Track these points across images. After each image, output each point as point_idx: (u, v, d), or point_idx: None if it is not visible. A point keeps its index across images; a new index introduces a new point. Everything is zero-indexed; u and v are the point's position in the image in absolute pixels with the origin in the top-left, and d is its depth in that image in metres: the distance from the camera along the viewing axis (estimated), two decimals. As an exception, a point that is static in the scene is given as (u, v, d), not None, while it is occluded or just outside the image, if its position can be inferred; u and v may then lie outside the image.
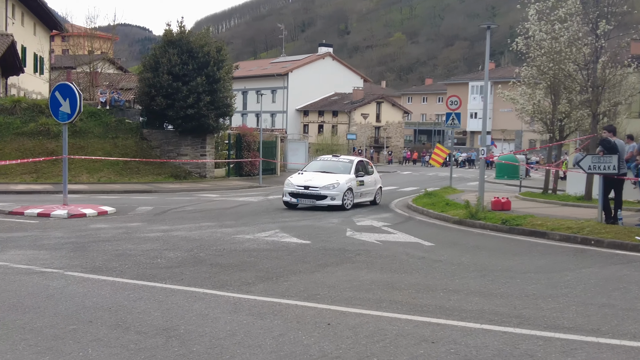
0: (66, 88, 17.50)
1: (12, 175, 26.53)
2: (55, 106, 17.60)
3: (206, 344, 6.40)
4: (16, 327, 6.91)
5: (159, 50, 30.92)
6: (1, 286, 8.67)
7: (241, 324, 7.09)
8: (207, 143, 31.96)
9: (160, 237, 13.21)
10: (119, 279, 9.19)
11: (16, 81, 39.66)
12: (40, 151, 27.63)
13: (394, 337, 6.70)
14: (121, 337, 6.60)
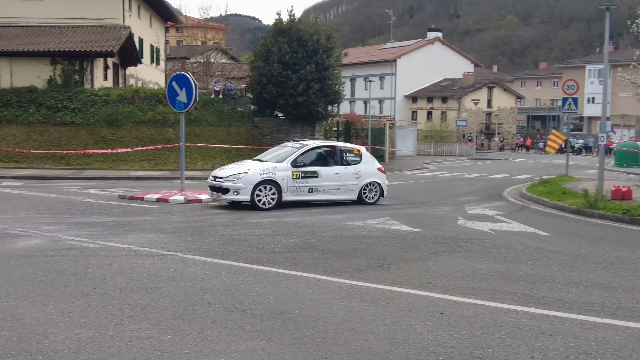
0: (183, 78, 18.10)
1: (132, 161, 27.84)
2: (172, 96, 18.26)
3: (320, 328, 6.47)
4: (140, 306, 7.25)
5: (270, 40, 31.45)
6: (125, 268, 9.12)
7: (354, 310, 7.12)
8: (316, 130, 32.28)
9: (273, 223, 13.49)
10: (235, 262, 9.45)
11: (134, 72, 41.46)
12: (158, 139, 28.81)
13: (510, 329, 6.54)
14: (238, 319, 6.78)
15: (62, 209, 15.34)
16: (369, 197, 17.50)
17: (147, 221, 13.51)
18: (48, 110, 29.72)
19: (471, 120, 71.56)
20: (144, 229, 12.44)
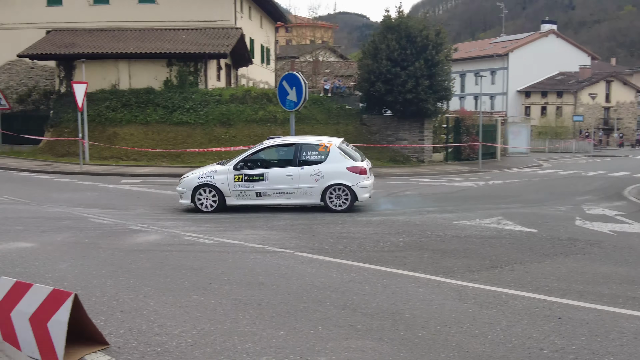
0: (293, 78, 18.34)
1: (244, 159, 28.54)
2: (282, 95, 18.54)
3: (431, 330, 6.37)
4: (253, 302, 7.39)
5: (378, 37, 31.36)
6: (238, 264, 9.33)
7: (466, 312, 6.96)
8: (425, 127, 31.90)
9: (382, 221, 13.43)
10: (345, 260, 9.47)
11: (245, 72, 42.44)
12: (269, 137, 29.37)
13: (632, 336, 6.20)
14: (349, 317, 6.78)
15: (178, 205, 15.88)
16: (335, 203, 14.91)
17: (258, 218, 13.78)
18: (165, 111, 30.92)
19: (588, 116, 68.62)
20: (255, 226, 12.70)
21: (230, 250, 10.31)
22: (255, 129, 30.07)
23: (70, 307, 5.64)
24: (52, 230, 12.45)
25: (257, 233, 11.87)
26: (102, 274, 8.86)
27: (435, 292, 7.77)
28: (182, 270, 8.95)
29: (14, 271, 8.99)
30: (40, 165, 27.93)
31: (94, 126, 30.45)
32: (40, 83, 38.01)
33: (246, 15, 40.07)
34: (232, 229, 12.28)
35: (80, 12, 36.64)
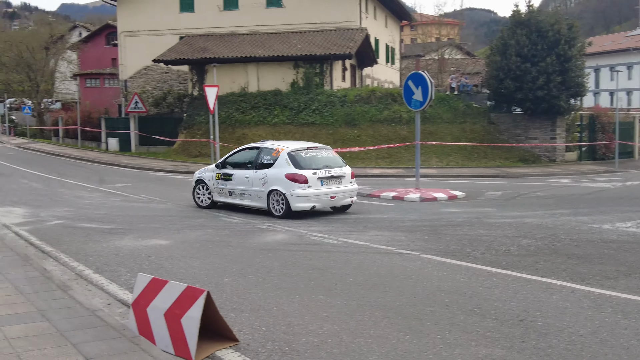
0: (418, 77, 18.14)
1: (369, 159, 28.55)
2: (408, 94, 18.38)
3: (565, 339, 6.08)
4: (378, 304, 7.35)
5: (507, 32, 30.44)
6: (364, 265, 9.33)
7: (603, 322, 6.59)
8: (557, 125, 30.62)
9: (511, 224, 13.00)
10: (473, 264, 9.23)
11: (370, 72, 42.48)
12: (393, 137, 29.24)
13: None
14: (477, 323, 6.60)
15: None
16: (276, 209, 14.44)
17: (383, 219, 13.73)
18: (291, 112, 31.53)
19: None
20: (381, 227, 12.66)
21: (356, 251, 10.32)
22: (380, 129, 30.04)
23: (203, 304, 5.83)
24: (186, 228, 12.98)
25: (382, 234, 11.83)
26: (232, 271, 9.12)
27: (569, 300, 7.41)
28: (308, 270, 9.06)
29: (150, 267, 9.44)
30: (174, 165, 29.25)
31: (224, 128, 31.52)
32: (174, 87, 39.82)
33: (371, 15, 40.12)
34: (357, 230, 12.30)
35: (211, 17, 38.07)
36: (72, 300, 7.60)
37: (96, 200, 17.97)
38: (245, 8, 37.63)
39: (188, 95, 36.20)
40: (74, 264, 9.89)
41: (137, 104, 36.33)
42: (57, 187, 21.68)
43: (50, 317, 6.86)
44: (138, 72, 40.71)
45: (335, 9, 35.94)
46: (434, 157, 28.73)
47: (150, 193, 19.25)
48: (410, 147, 25.91)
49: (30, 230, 13.10)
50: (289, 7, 36.74)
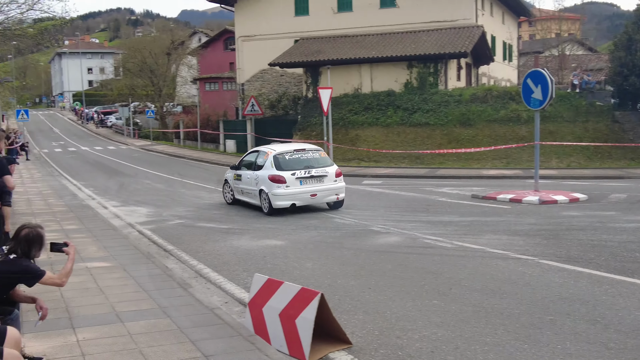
0: (538, 75, 17.53)
1: (484, 160, 27.89)
2: (527, 93, 17.80)
3: (700, 354, 5.68)
4: (495, 311, 7.15)
5: (632, 27, 28.86)
6: (479, 270, 9.11)
7: None
8: (689, 124, 28.76)
9: (638, 229, 12.29)
10: (595, 271, 8.80)
11: (486, 70, 41.47)
12: (510, 137, 28.43)
13: None
14: (600, 334, 6.30)
15: (418, 207, 15.97)
16: (264, 206, 15.68)
17: (500, 222, 13.36)
18: (405, 112, 31.31)
19: None
20: (497, 230, 12.32)
21: (471, 255, 10.10)
22: (497, 129, 29.27)
23: (317, 305, 5.88)
24: (300, 229, 13.16)
25: (499, 238, 11.50)
26: (346, 273, 9.15)
27: None
28: (422, 274, 8.95)
29: (266, 267, 9.63)
30: (289, 166, 29.74)
31: (337, 129, 31.74)
32: (289, 89, 40.50)
33: (487, 12, 39.20)
34: (472, 233, 12.03)
35: (325, 20, 38.44)
36: (192, 298, 7.87)
37: (215, 201, 18.55)
38: (359, 9, 37.74)
39: (302, 98, 36.73)
40: (193, 262, 10.25)
41: (254, 107, 37.23)
42: (178, 188, 22.56)
43: (171, 314, 7.14)
44: (254, 76, 41.73)
45: (450, 7, 35.36)
46: (554, 158, 27.68)
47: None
48: (528, 147, 25.06)
49: (153, 229, 13.70)
50: (403, 6, 36.51)
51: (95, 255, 10.56)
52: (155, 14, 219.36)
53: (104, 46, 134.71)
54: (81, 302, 7.67)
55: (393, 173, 25.67)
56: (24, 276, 5.43)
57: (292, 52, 36.58)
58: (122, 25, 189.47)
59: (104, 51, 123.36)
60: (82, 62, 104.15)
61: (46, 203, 18.31)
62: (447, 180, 22.97)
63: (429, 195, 18.29)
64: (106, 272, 9.30)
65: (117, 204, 18.29)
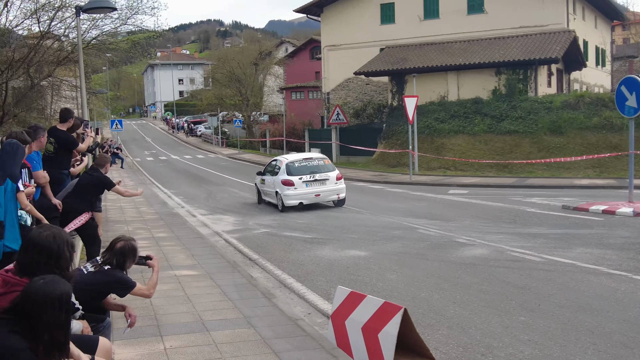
0: (632, 82, 16.84)
1: (575, 169, 26.98)
2: (620, 100, 17.12)
3: None
4: (584, 329, 6.89)
5: None
6: (569, 285, 8.80)
7: None
8: None
9: None
10: (695, 289, 8.36)
11: (578, 76, 40.17)
12: (603, 146, 27.41)
13: None
14: (701, 357, 5.96)
15: (505, 218, 15.61)
16: (278, 205, 19.16)
17: (591, 235, 12.88)
18: (492, 120, 30.71)
19: None
20: (588, 244, 11.87)
21: (560, 269, 9.77)
22: (589, 137, 28.29)
23: (400, 320, 5.82)
24: (383, 239, 13.09)
25: (590, 252, 11.08)
26: (429, 286, 9.04)
27: None
28: (508, 288, 8.73)
29: (348, 278, 9.63)
30: (373, 175, 29.70)
31: (422, 137, 31.47)
32: (374, 98, 40.48)
33: (579, 16, 38.00)
34: (562, 246, 11.65)
35: (411, 27, 38.25)
36: (275, 308, 7.95)
37: (299, 210, 18.71)
38: (446, 16, 37.36)
39: (387, 106, 36.63)
40: (277, 272, 10.37)
41: (339, 116, 37.41)
42: (264, 196, 22.90)
43: (255, 324, 7.23)
44: (340, 85, 41.95)
45: (540, 11, 34.49)
46: (649, 167, 26.50)
47: (349, 202, 19.67)
48: (622, 156, 24.09)
49: (238, 237, 13.96)
50: (491, 12, 35.90)
51: (183, 264, 10.83)
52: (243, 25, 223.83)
53: (194, 57, 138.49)
54: (169, 310, 7.88)
55: (479, 182, 25.18)
56: (117, 287, 5.64)
57: (377, 61, 36.57)
58: (211, 36, 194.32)
59: (194, 62, 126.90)
60: (173, 73, 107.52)
61: (138, 211, 18.95)
62: (536, 190, 22.35)
63: (517, 205, 17.85)
64: (193, 280, 9.53)
65: (204, 212, 18.74)
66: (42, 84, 21.79)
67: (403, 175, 28.31)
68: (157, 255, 11.24)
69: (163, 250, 12.12)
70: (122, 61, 35.18)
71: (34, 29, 18.83)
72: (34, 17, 17.72)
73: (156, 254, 11.48)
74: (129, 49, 24.28)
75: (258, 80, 63.17)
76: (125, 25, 20.52)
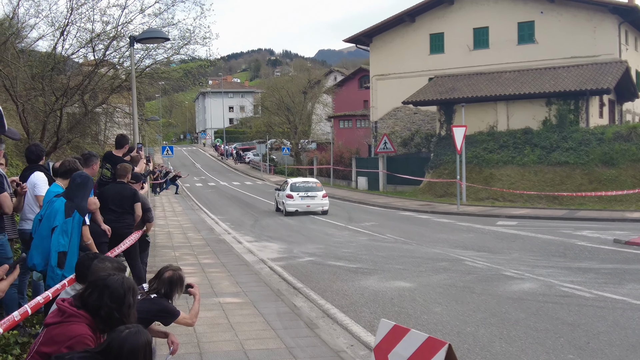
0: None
1: (628, 202, 26.31)
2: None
3: None
4: (638, 370, 6.66)
5: None
6: (620, 323, 8.54)
7: None
8: None
9: None
10: None
11: (630, 107, 39.35)
12: (658, 178, 26.78)
13: None
14: None
15: (554, 251, 15.28)
16: (282, 211, 27.58)
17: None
18: (542, 151, 30.26)
19: None
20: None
21: (611, 306, 9.49)
22: (643, 169, 27.63)
23: (444, 356, 5.70)
24: (429, 271, 12.94)
25: (643, 288, 10.75)
26: (475, 320, 8.87)
27: None
28: (557, 325, 8.51)
29: (393, 310, 9.52)
30: (420, 205, 29.48)
31: (471, 167, 31.19)
32: (422, 127, 40.34)
33: (631, 46, 37.35)
34: (613, 282, 11.32)
35: (461, 57, 38.15)
36: (318, 339, 7.89)
37: (345, 239, 18.67)
38: (496, 46, 37.18)
39: (435, 135, 36.45)
40: (321, 301, 10.32)
41: (386, 145, 37.37)
42: (309, 224, 22.92)
43: (297, 355, 7.18)
44: (387, 114, 41.96)
45: (592, 42, 34.05)
46: None
47: (395, 232, 19.55)
48: (678, 189, 23.45)
49: (283, 265, 13.96)
50: (542, 42, 35.59)
51: (228, 291, 10.87)
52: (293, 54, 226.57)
53: (244, 86, 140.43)
54: (211, 337, 7.90)
55: (529, 214, 24.76)
56: (163, 315, 5.68)
57: (426, 90, 36.52)
58: (262, 65, 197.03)
59: (244, 90, 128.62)
60: (223, 101, 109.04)
61: (185, 236, 19.15)
62: (587, 222, 21.85)
63: (567, 238, 17.47)
64: (237, 308, 9.54)
65: (250, 239, 18.83)
66: (95, 110, 22.33)
67: (450, 205, 28.03)
68: (202, 282, 11.37)
69: (208, 277, 12.20)
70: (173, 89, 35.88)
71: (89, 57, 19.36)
72: (89, 45, 18.20)
73: (201, 280, 11.62)
74: (181, 77, 24.79)
75: (307, 109, 63.63)
76: (178, 55, 20.94)
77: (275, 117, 63.55)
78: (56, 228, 6.52)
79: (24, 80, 17.25)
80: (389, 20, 41.27)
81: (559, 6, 35.04)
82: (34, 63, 18.66)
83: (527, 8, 36.21)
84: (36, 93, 17.83)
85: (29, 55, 19.27)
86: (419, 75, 39.16)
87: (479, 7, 37.90)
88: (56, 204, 6.66)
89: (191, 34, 20.20)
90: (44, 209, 6.85)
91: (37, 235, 6.72)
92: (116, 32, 18.53)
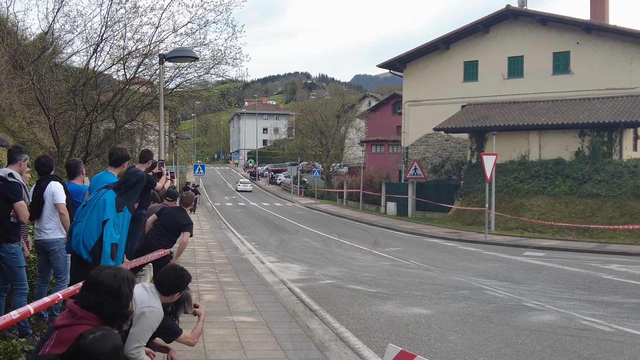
0: None
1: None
2: None
3: None
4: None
5: None
6: (637, 358, 8.33)
7: None
8: None
9: None
10: None
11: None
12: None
13: None
14: None
15: (579, 284, 15.02)
16: None
17: (670, 307, 12.20)
18: (574, 182, 29.86)
19: None
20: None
21: (630, 341, 9.27)
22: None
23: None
24: (449, 299, 12.79)
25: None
26: (489, 350, 8.74)
27: None
28: (572, 358, 8.34)
29: (407, 336, 9.43)
30: (447, 232, 29.24)
31: (501, 196, 30.89)
32: (453, 154, 40.14)
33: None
34: (635, 317, 11.07)
35: (494, 86, 38.00)
36: (327, 362, 7.83)
37: (367, 263, 18.57)
38: (530, 75, 36.98)
39: (466, 163, 36.23)
40: (336, 325, 10.26)
41: (416, 171, 37.26)
42: (334, 247, 22.86)
43: (303, 377, 7.14)
44: (419, 140, 41.87)
45: (628, 74, 33.67)
46: None
47: (419, 259, 19.40)
48: None
49: (302, 287, 13.93)
50: (577, 73, 35.31)
51: (243, 310, 10.88)
52: (329, 78, 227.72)
53: (279, 108, 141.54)
54: (220, 355, 7.89)
55: (557, 245, 24.39)
56: (165, 332, 5.71)
57: (458, 117, 36.38)
58: (298, 88, 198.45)
59: (279, 112, 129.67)
60: (258, 122, 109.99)
61: (209, 254, 19.25)
62: (617, 256, 21.45)
63: (594, 271, 17.16)
64: (250, 327, 9.54)
65: (273, 260, 18.84)
66: (126, 126, 22.69)
67: (478, 234, 27.75)
68: (219, 300, 11.40)
69: (226, 295, 12.22)
70: (203, 109, 36.38)
71: (120, 74, 19.75)
72: (121, 62, 18.54)
73: (218, 298, 11.65)
74: (210, 97, 25.08)
75: (340, 132, 63.83)
76: (207, 75, 21.22)
77: (308, 139, 63.88)
78: (108, 221, 6.65)
79: (57, 94, 17.61)
80: (423, 47, 41.35)
81: (596, 37, 34.77)
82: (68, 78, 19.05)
83: (563, 38, 36.00)
84: (67, 107, 18.18)
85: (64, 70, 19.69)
86: (451, 102, 39.07)
87: (515, 36, 37.78)
88: (106, 196, 6.77)
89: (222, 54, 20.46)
90: (92, 197, 6.95)
91: (85, 224, 6.68)
92: (148, 49, 18.85)
